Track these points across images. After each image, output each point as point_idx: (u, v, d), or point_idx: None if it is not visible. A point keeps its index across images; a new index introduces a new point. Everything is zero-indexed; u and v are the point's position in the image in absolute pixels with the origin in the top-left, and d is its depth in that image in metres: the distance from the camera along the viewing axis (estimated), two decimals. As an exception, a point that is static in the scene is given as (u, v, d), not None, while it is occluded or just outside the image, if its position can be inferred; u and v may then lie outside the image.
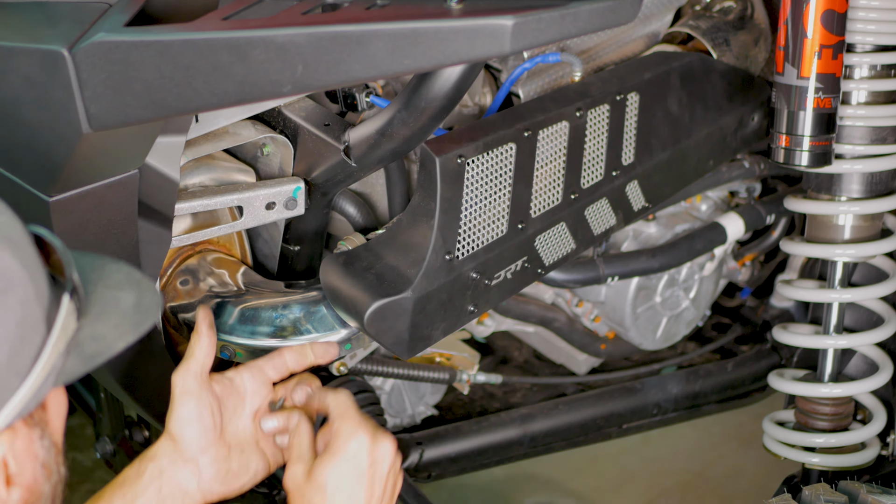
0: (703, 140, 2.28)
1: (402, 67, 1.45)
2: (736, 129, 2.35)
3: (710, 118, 2.28)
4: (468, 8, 1.45)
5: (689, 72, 2.21)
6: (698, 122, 2.25)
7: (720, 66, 2.29)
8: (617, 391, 2.72)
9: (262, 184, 1.95)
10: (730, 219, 2.47)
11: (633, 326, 2.54)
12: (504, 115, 1.92)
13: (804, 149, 2.06)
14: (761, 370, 2.76)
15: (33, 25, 1.60)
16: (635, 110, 2.09)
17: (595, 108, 2.01)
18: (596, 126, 2.03)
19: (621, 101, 2.06)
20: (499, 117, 1.91)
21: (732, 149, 2.38)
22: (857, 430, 2.31)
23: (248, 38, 1.47)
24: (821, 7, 1.99)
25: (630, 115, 2.09)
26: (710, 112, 2.28)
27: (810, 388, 2.30)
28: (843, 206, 2.21)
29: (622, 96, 2.06)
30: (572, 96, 2.00)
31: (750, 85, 2.37)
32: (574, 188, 2.01)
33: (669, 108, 2.18)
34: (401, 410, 2.62)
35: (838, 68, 2.03)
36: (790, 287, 2.34)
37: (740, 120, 2.35)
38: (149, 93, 1.52)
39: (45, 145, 1.60)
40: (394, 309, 1.80)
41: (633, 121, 2.10)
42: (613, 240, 2.49)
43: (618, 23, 1.48)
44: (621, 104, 2.06)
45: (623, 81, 2.08)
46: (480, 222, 1.87)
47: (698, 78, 2.24)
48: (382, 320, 1.80)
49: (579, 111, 1.98)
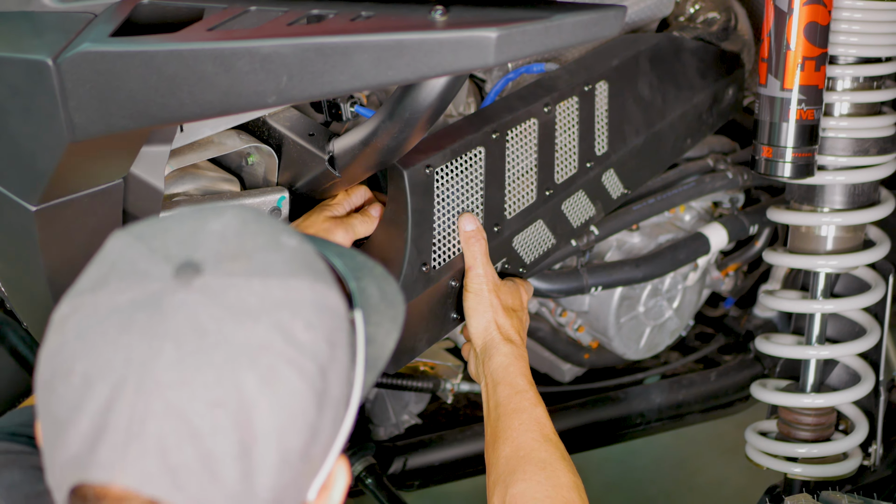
0: (678, 120, 2.28)
1: (386, 79, 1.46)
2: (711, 106, 2.36)
3: (683, 98, 2.27)
4: (452, 20, 1.45)
5: (659, 53, 2.21)
6: (672, 103, 2.25)
7: (690, 45, 2.29)
8: (600, 401, 2.72)
9: (246, 193, 1.95)
10: (713, 229, 2.48)
11: (617, 336, 2.55)
12: (471, 119, 1.92)
13: (787, 160, 2.07)
14: (744, 380, 2.77)
15: (19, 35, 1.60)
16: (605, 99, 2.09)
17: (564, 102, 2.01)
18: (566, 120, 2.02)
19: (590, 91, 2.05)
20: (465, 121, 1.91)
21: (709, 125, 2.39)
22: (839, 441, 2.33)
23: (233, 48, 1.47)
24: (804, 19, 2.00)
25: (600, 105, 2.08)
26: (683, 92, 2.27)
27: (793, 399, 2.31)
28: (826, 217, 2.22)
29: (590, 86, 2.05)
30: (539, 92, 1.99)
31: (722, 60, 2.37)
32: (548, 184, 2.01)
33: (641, 93, 2.17)
34: (385, 419, 2.62)
35: (821, 80, 2.04)
36: (773, 298, 2.35)
37: (715, 96, 2.36)
38: (133, 103, 1.52)
39: (29, 155, 1.60)
40: None
41: (604, 110, 2.09)
42: (597, 249, 2.50)
43: (602, 35, 1.49)
44: (590, 94, 2.06)
45: (590, 71, 2.07)
46: (454, 230, 1.87)
47: (668, 59, 2.24)
48: None
49: (547, 107, 1.98)
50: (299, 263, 1.12)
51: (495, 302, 1.86)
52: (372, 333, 1.23)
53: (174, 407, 1.02)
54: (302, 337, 1.08)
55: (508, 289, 1.91)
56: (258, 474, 1.04)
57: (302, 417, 1.07)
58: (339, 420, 1.13)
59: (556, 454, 1.73)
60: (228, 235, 1.11)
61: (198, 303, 1.05)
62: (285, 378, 1.06)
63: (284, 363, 1.06)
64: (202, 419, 1.02)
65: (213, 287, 1.07)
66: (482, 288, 1.86)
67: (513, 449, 1.73)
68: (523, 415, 1.76)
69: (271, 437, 1.04)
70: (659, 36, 2.25)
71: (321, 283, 1.12)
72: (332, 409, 1.11)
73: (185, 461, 1.02)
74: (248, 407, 1.03)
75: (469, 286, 1.87)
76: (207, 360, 1.03)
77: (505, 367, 1.82)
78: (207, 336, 1.04)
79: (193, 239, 1.10)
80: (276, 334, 1.06)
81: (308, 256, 1.15)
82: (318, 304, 1.11)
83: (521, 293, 1.94)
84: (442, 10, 1.47)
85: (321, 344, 1.09)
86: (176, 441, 1.02)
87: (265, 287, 1.08)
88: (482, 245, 1.86)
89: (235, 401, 1.03)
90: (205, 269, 1.07)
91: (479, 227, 1.87)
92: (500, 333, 1.85)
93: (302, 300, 1.09)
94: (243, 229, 1.12)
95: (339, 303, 1.14)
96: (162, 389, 1.02)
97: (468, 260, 1.87)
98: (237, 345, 1.04)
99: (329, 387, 1.10)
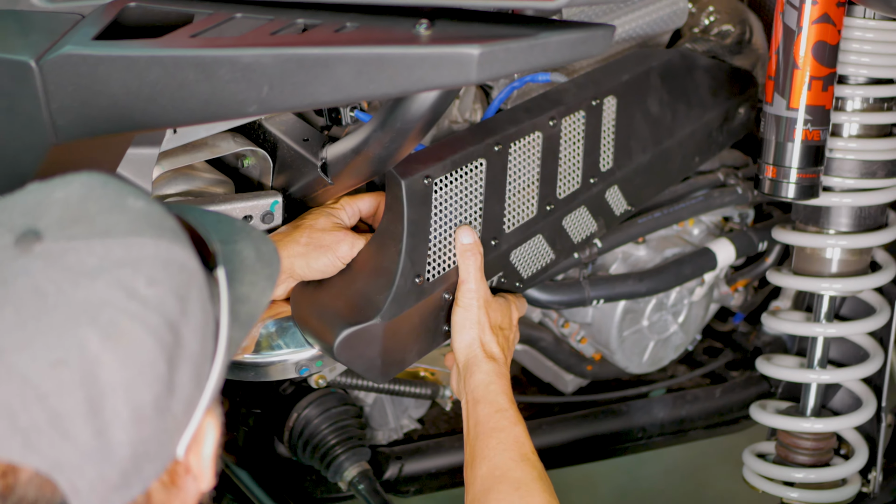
0: (687, 138, 2.24)
1: (367, 92, 1.44)
2: (722, 124, 2.32)
3: (693, 116, 2.23)
4: (437, 35, 1.43)
5: (670, 70, 2.17)
6: (681, 120, 2.21)
7: (703, 62, 2.25)
8: (601, 413, 2.69)
9: (239, 196, 1.93)
10: (721, 245, 2.44)
11: (619, 349, 2.52)
12: (473, 130, 1.89)
13: (791, 181, 2.03)
14: (750, 397, 2.72)
15: (4, 34, 1.59)
16: (612, 114, 2.05)
17: (570, 116, 1.97)
18: (571, 134, 1.98)
19: (597, 106, 2.02)
20: (468, 132, 1.88)
21: (719, 144, 2.34)
22: (838, 466, 2.29)
23: (214, 56, 1.46)
24: (812, 38, 1.96)
25: (607, 120, 2.05)
26: (693, 109, 2.23)
27: (791, 422, 2.28)
28: (831, 239, 2.18)
29: (598, 101, 2.02)
30: (546, 105, 1.96)
31: (735, 78, 2.33)
32: (550, 199, 1.98)
33: (650, 109, 2.14)
34: (383, 423, 2.60)
35: (828, 100, 2.00)
36: (775, 318, 2.32)
37: (726, 114, 2.31)
38: (115, 107, 1.51)
39: (13, 155, 1.59)
40: (363, 336, 1.78)
41: (611, 125, 2.05)
42: (602, 261, 2.46)
43: (588, 54, 1.46)
44: (597, 109, 2.02)
45: (599, 85, 2.04)
46: (450, 242, 1.84)
47: (680, 75, 2.20)
48: (352, 348, 1.78)
49: (553, 120, 1.94)
50: (144, 223, 1.13)
51: (483, 319, 1.84)
52: (245, 293, 1.23)
53: (16, 370, 1.03)
54: (145, 292, 1.08)
55: (499, 306, 1.88)
56: (111, 430, 1.05)
57: (150, 370, 1.07)
58: (203, 376, 1.14)
59: (532, 474, 1.71)
60: (72, 202, 1.12)
61: (37, 268, 1.07)
62: (128, 332, 1.06)
63: (127, 318, 1.06)
64: (46, 380, 1.03)
65: (53, 251, 1.08)
66: (472, 303, 1.84)
67: (489, 468, 1.71)
68: (502, 434, 1.75)
69: (119, 392, 1.05)
70: (671, 52, 2.21)
71: (167, 240, 1.12)
72: (190, 364, 1.11)
73: (34, 423, 1.03)
74: (92, 363, 1.05)
75: (459, 300, 1.85)
76: (47, 321, 1.05)
77: (486, 384, 1.80)
78: (46, 298, 1.05)
79: (38, 209, 1.12)
80: (117, 291, 1.07)
81: (155, 216, 1.15)
82: (163, 260, 1.11)
83: (512, 311, 1.92)
84: (427, 24, 1.44)
85: (168, 298, 1.10)
86: (21, 403, 1.03)
87: (105, 247, 1.09)
88: (478, 259, 1.84)
89: (78, 359, 1.04)
90: (45, 235, 1.09)
91: (477, 241, 1.85)
92: (483, 350, 1.83)
93: (143, 256, 1.10)
94: (88, 194, 1.13)
95: (188, 258, 1.14)
96: (4, 355, 1.04)
97: (462, 273, 1.85)
98: (76, 304, 1.06)
99: (182, 341, 1.10)
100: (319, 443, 2.36)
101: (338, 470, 2.35)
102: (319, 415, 2.37)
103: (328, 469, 2.36)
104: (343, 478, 2.36)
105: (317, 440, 2.36)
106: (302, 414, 2.37)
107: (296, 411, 2.37)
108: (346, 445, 2.36)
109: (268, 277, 1.27)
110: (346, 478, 2.36)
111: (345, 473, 2.35)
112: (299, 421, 2.37)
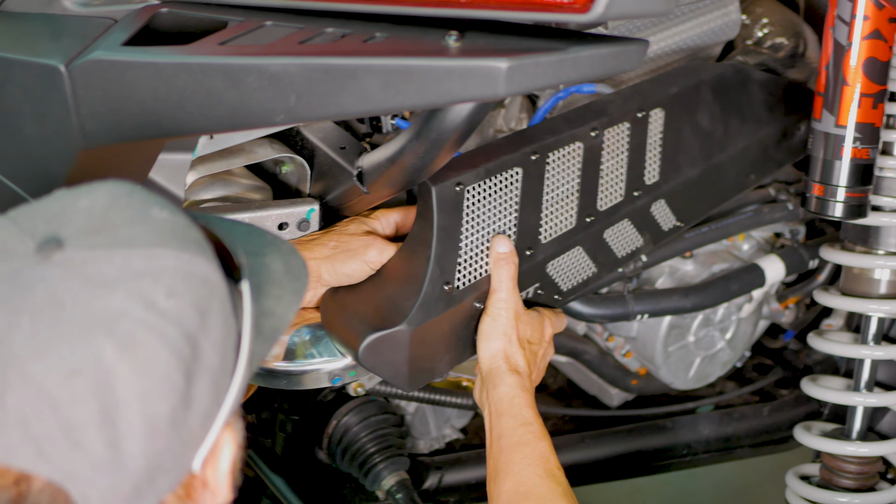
0: (740, 154, 2.19)
1: (394, 104, 1.42)
2: (779, 141, 2.26)
3: (747, 131, 2.18)
4: (466, 47, 1.41)
5: (722, 83, 2.12)
6: (734, 135, 2.16)
7: (758, 76, 2.20)
8: (646, 428, 2.65)
9: (275, 203, 1.92)
10: (770, 261, 2.40)
11: (665, 365, 2.48)
12: (511, 139, 1.86)
13: (838, 199, 1.99)
14: (798, 416, 2.68)
15: (36, 38, 1.60)
16: (659, 127, 2.01)
17: (613, 127, 1.94)
18: (614, 146, 1.95)
19: (643, 118, 1.98)
20: (505, 141, 1.86)
21: (777, 161, 2.28)
22: (885, 492, 2.24)
23: (242, 64, 1.45)
24: (863, 54, 1.92)
25: (653, 133, 2.01)
26: (747, 125, 2.18)
27: (835, 445, 2.23)
28: (881, 259, 2.13)
29: (644, 113, 1.98)
30: (588, 115, 1.92)
31: (793, 93, 2.28)
32: (590, 210, 1.95)
33: (700, 123, 2.09)
34: (425, 432, 2.59)
35: (879, 118, 1.96)
36: (821, 339, 2.27)
37: (784, 131, 2.26)
38: (144, 113, 1.51)
39: (43, 159, 1.60)
40: (389, 342, 1.76)
41: (658, 138, 2.02)
42: (648, 275, 2.43)
43: (620, 70, 1.43)
44: (643, 121, 1.98)
45: (645, 98, 2.00)
46: (482, 250, 1.82)
47: (733, 89, 2.15)
48: (377, 354, 1.76)
49: (595, 131, 1.91)
50: (168, 234, 1.12)
51: (510, 330, 1.81)
52: (271, 307, 1.22)
53: (31, 379, 1.03)
54: (164, 304, 1.07)
55: (530, 319, 1.85)
56: (125, 441, 1.04)
57: (166, 382, 1.06)
58: (222, 390, 1.12)
59: (557, 490, 1.68)
60: (96, 211, 1.12)
61: (56, 276, 1.06)
62: (145, 344, 1.05)
63: (144, 329, 1.06)
64: (60, 389, 1.03)
65: (74, 260, 1.07)
66: (500, 313, 1.81)
67: (514, 484, 1.69)
68: (527, 448, 1.72)
69: (133, 404, 1.04)
70: (724, 65, 2.17)
71: (189, 252, 1.11)
72: (208, 377, 1.10)
73: (46, 432, 1.03)
74: (108, 374, 1.04)
75: (488, 309, 1.82)
76: (63, 330, 1.04)
77: (510, 397, 1.77)
78: (64, 307, 1.05)
79: (61, 216, 1.11)
80: (135, 302, 1.06)
81: (179, 228, 1.14)
82: (185, 272, 1.10)
83: (545, 326, 1.88)
84: (456, 36, 1.42)
85: (187, 310, 1.09)
86: (35, 412, 1.03)
87: (126, 258, 1.08)
88: (511, 269, 1.81)
89: (93, 369, 1.04)
90: (67, 243, 1.08)
91: (513, 251, 1.82)
92: (507, 363, 1.80)
93: (164, 268, 1.09)
94: (112, 204, 1.13)
95: (211, 271, 1.13)
96: (19, 362, 1.03)
97: (494, 282, 1.82)
98: (93, 314, 1.05)
99: (200, 354, 1.09)
100: (358, 451, 2.35)
101: (376, 478, 2.34)
102: (359, 423, 2.36)
103: (366, 477, 2.35)
104: (381, 486, 2.35)
105: (355, 448, 2.35)
106: (341, 421, 2.36)
107: (335, 418, 2.36)
108: (385, 454, 2.35)
109: (294, 292, 1.26)
110: (384, 486, 2.35)
111: (383, 482, 2.34)
112: (338, 428, 2.36)
